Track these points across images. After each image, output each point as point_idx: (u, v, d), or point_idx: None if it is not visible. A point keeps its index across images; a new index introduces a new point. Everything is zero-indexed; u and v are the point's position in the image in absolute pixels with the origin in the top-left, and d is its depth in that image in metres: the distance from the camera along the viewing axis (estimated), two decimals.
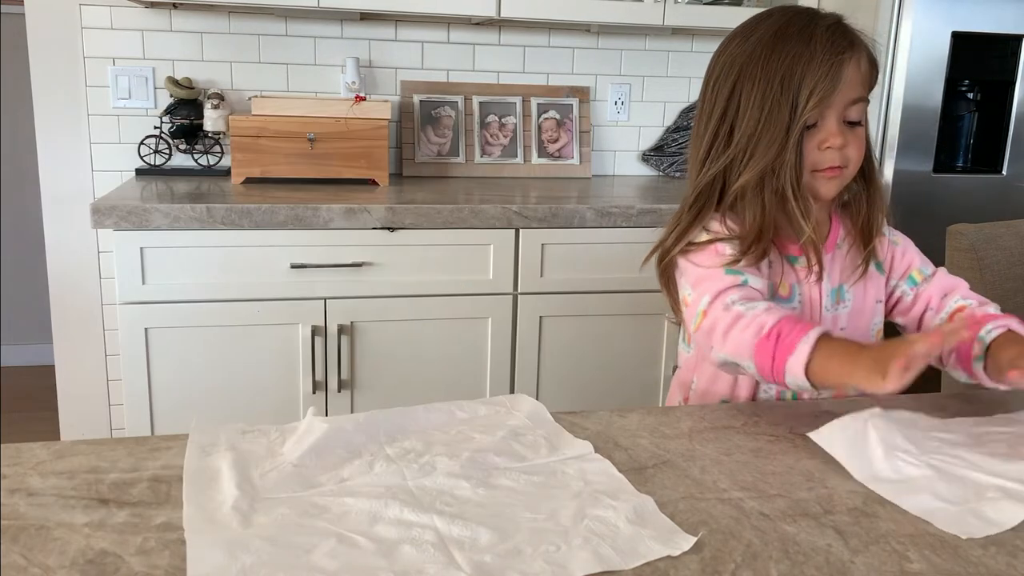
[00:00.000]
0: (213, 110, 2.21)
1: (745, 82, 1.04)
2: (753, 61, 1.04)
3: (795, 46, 1.02)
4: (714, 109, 1.07)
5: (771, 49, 1.03)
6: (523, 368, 2.04)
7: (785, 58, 1.01)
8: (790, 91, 1.01)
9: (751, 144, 1.03)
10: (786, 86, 1.01)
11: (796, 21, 1.04)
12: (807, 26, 1.03)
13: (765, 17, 1.08)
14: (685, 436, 0.90)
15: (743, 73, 1.04)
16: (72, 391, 2.33)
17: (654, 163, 2.63)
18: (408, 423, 0.88)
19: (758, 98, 1.02)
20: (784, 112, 1.01)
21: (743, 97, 1.04)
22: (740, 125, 1.04)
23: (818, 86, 1.00)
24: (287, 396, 1.93)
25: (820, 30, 1.02)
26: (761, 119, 1.02)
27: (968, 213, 1.85)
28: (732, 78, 1.05)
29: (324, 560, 0.63)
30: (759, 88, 1.02)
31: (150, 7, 2.21)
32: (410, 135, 2.41)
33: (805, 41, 1.01)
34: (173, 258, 1.82)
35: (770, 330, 0.93)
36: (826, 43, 1.01)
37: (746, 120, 1.03)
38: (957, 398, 1.04)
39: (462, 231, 1.94)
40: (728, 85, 1.06)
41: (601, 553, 0.65)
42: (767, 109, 1.02)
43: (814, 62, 1.00)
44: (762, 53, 1.03)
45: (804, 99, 1.00)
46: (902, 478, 0.79)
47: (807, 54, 1.01)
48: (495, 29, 2.45)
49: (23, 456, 0.79)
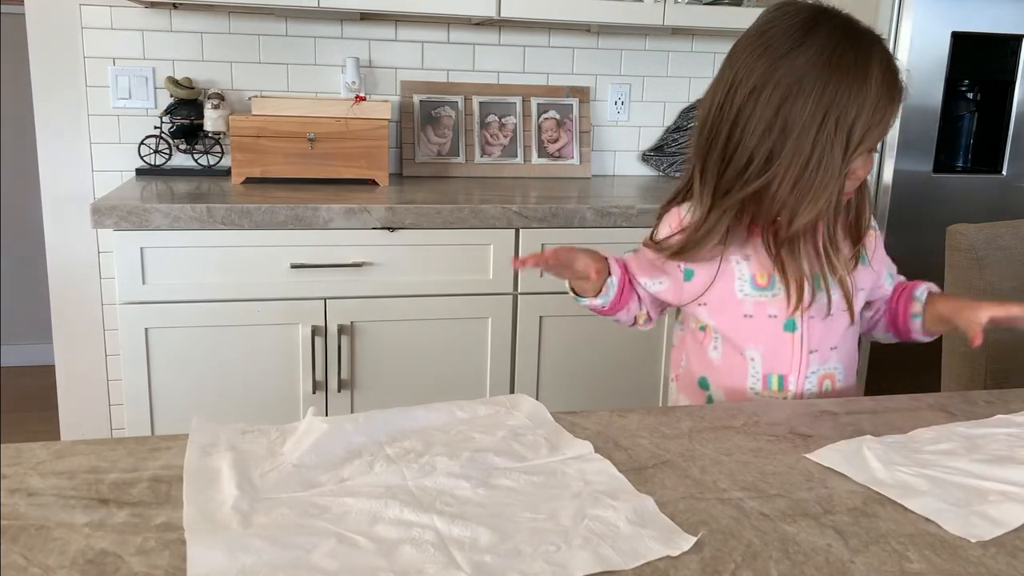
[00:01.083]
0: (213, 110, 2.21)
1: (796, 103, 0.99)
2: (808, 82, 0.99)
3: (853, 81, 0.98)
4: (750, 120, 1.01)
5: (829, 77, 0.98)
6: (523, 368, 2.04)
7: (843, 92, 0.98)
8: (844, 131, 0.99)
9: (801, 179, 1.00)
10: (840, 125, 0.98)
11: (853, 46, 1.00)
12: (865, 57, 0.99)
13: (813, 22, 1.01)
14: (685, 436, 0.90)
15: (794, 91, 0.99)
16: (72, 391, 2.33)
17: (654, 163, 2.63)
18: (408, 423, 0.88)
19: (811, 132, 0.98)
20: (838, 153, 0.99)
21: (792, 122, 0.99)
22: (786, 154, 1.00)
23: (871, 132, 1.00)
24: (287, 396, 1.93)
25: (876, 65, 0.99)
26: (813, 156, 0.99)
27: (968, 213, 1.85)
28: (781, 92, 1.00)
29: (324, 560, 0.63)
30: (814, 122, 0.98)
31: (150, 7, 2.21)
32: (410, 135, 2.41)
33: (863, 77, 0.98)
34: (173, 258, 1.82)
35: None
36: (881, 84, 0.99)
37: (795, 151, 1.00)
38: (957, 398, 1.04)
39: (462, 231, 1.94)
40: (774, 103, 1.00)
41: (601, 553, 0.65)
42: (821, 146, 0.99)
43: (867, 104, 0.98)
44: (819, 76, 0.98)
45: (856, 142, 1.00)
46: (902, 484, 0.79)
47: (862, 94, 0.98)
48: (495, 29, 2.45)
49: (23, 456, 0.79)
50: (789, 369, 1.12)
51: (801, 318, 1.11)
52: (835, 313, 1.12)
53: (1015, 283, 1.47)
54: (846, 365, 1.17)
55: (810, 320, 1.11)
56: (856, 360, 1.20)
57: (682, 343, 1.23)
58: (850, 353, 1.18)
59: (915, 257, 1.15)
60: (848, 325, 1.15)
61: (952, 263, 1.48)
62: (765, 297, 1.11)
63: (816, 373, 1.13)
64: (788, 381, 1.13)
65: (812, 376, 1.13)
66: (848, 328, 1.15)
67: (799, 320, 1.11)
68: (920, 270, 1.28)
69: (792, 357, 1.12)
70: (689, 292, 1.15)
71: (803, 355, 1.12)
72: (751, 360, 1.13)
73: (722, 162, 1.05)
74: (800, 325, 1.11)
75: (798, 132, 0.99)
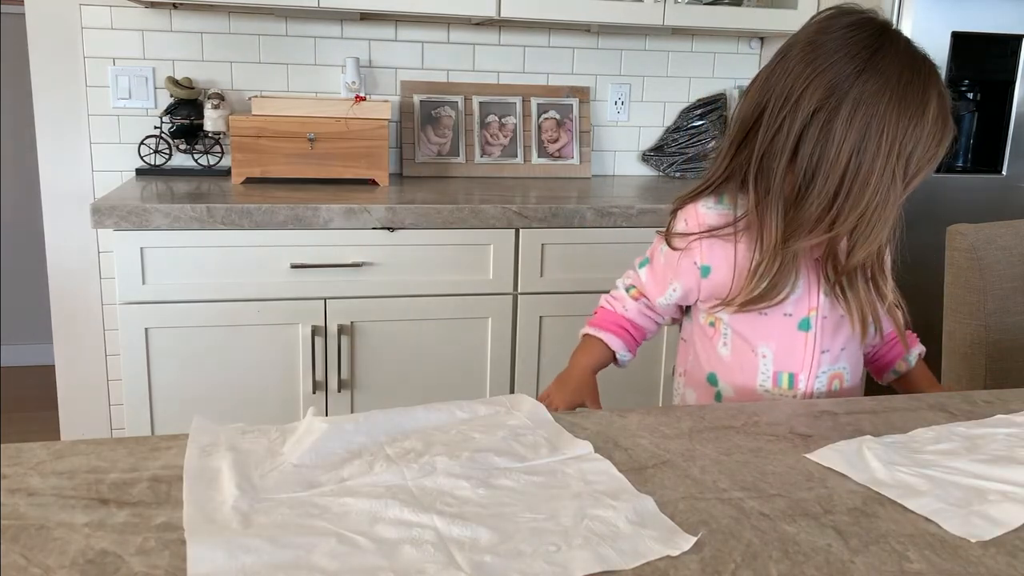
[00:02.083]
0: (213, 110, 2.21)
1: (872, 139, 0.97)
2: (880, 116, 0.97)
3: (915, 112, 0.97)
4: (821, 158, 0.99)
5: (897, 109, 0.97)
6: (523, 368, 2.04)
7: (904, 122, 0.97)
8: (903, 164, 0.98)
9: (865, 215, 0.99)
10: (900, 159, 0.98)
11: (916, 76, 0.98)
12: (925, 88, 0.98)
13: (878, 40, 0.99)
14: (685, 436, 0.90)
15: (871, 126, 0.97)
16: (72, 391, 2.33)
17: (654, 163, 2.63)
18: (408, 423, 0.88)
19: (881, 164, 0.98)
20: (899, 187, 0.99)
21: (868, 155, 0.97)
22: (855, 187, 0.98)
23: (924, 166, 1.00)
24: (287, 396, 1.93)
25: (934, 97, 0.98)
26: (879, 193, 0.98)
27: (968, 213, 1.85)
28: (859, 125, 0.97)
29: (324, 560, 0.63)
30: (883, 153, 0.97)
31: (150, 7, 2.21)
32: (410, 135, 2.41)
33: (923, 110, 0.97)
34: (173, 258, 1.82)
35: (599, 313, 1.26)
36: (937, 118, 0.98)
37: (863, 185, 0.98)
38: (957, 398, 1.04)
39: (462, 231, 1.94)
40: (855, 131, 0.97)
41: (601, 553, 0.65)
42: (886, 183, 0.98)
43: (924, 137, 0.98)
44: (889, 108, 0.97)
45: (912, 175, 1.00)
46: (902, 484, 0.79)
47: (921, 125, 0.97)
48: (495, 29, 2.45)
49: (23, 456, 0.79)
50: (800, 368, 1.13)
51: (815, 317, 1.11)
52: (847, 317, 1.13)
53: (1015, 283, 1.47)
54: (853, 365, 1.17)
55: (823, 320, 1.12)
56: (862, 361, 1.21)
57: (690, 337, 1.22)
58: (857, 353, 1.18)
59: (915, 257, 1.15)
60: None
61: (952, 263, 1.48)
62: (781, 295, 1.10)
63: (826, 373, 1.14)
64: (799, 380, 1.13)
65: (822, 376, 1.13)
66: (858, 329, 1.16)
67: (814, 319, 1.11)
68: (920, 270, 1.28)
69: (804, 356, 1.12)
70: (707, 289, 1.14)
71: (815, 354, 1.12)
72: (763, 357, 1.13)
73: (794, 198, 1.02)
74: (814, 324, 1.11)
75: (868, 170, 0.98)
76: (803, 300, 1.11)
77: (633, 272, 1.23)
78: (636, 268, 1.23)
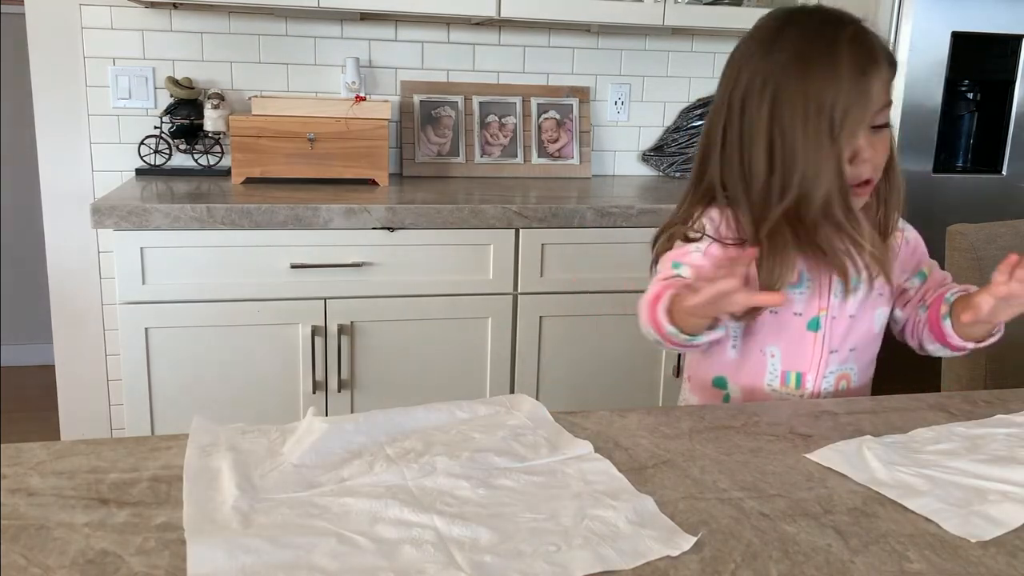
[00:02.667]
0: (213, 110, 2.21)
1: (784, 107, 1.02)
2: (786, 84, 1.02)
3: (823, 68, 1.00)
4: (754, 139, 1.04)
5: (801, 72, 1.01)
6: (523, 368, 2.04)
7: (815, 81, 1.00)
8: (824, 116, 1.00)
9: (803, 177, 1.01)
10: (821, 112, 1.00)
11: (820, 36, 1.02)
12: (832, 42, 1.01)
13: (785, 22, 1.05)
14: (685, 436, 0.90)
15: (779, 97, 1.02)
16: (72, 391, 2.33)
17: (654, 163, 2.63)
18: (408, 423, 0.88)
19: (799, 126, 1.01)
20: (825, 139, 1.00)
21: (785, 123, 1.02)
22: (785, 154, 1.02)
23: (851, 110, 1.00)
24: (287, 396, 1.93)
25: (844, 46, 1.00)
26: (808, 148, 1.01)
27: (968, 213, 1.85)
28: (768, 99, 1.03)
29: (324, 560, 0.63)
30: (799, 116, 1.01)
31: (150, 7, 2.21)
32: (410, 135, 2.41)
33: (832, 62, 1.00)
34: (173, 258, 1.82)
35: (653, 294, 1.06)
36: (852, 63, 1.00)
37: (791, 150, 1.02)
38: (957, 398, 1.04)
39: (462, 231, 1.94)
40: (766, 105, 1.03)
41: (601, 553, 0.65)
42: (810, 138, 1.01)
43: (843, 84, 0.99)
44: (794, 75, 1.01)
45: (839, 123, 1.00)
46: (902, 484, 0.79)
47: (835, 76, 0.99)
48: (495, 29, 2.45)
49: (23, 456, 0.79)
50: (808, 367, 1.13)
51: (825, 317, 1.11)
52: (858, 314, 1.12)
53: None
54: (861, 366, 1.17)
55: (833, 320, 1.12)
56: (873, 363, 1.20)
57: None
58: (869, 355, 1.18)
59: None
60: (872, 326, 1.15)
61: (952, 263, 1.48)
62: (793, 294, 1.11)
63: (834, 373, 1.14)
64: (806, 379, 1.13)
65: (830, 376, 1.14)
66: (871, 330, 1.15)
67: (823, 319, 1.11)
68: None
69: (812, 356, 1.12)
70: None
71: (823, 354, 1.12)
72: (771, 357, 1.13)
73: (744, 183, 1.06)
74: (824, 324, 1.12)
75: (791, 136, 1.02)
76: (813, 300, 1.11)
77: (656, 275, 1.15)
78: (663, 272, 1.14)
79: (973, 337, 1.11)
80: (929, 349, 1.18)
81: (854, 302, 1.12)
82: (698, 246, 1.11)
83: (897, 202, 1.12)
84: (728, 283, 0.94)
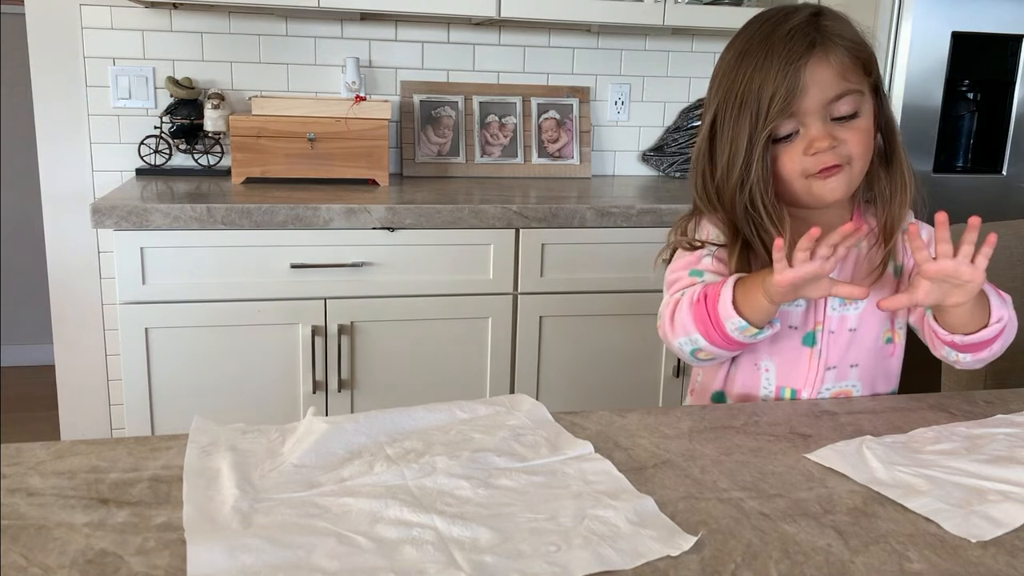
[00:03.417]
0: (213, 110, 2.21)
1: (722, 106, 1.04)
2: (724, 82, 1.04)
3: (754, 59, 1.01)
4: (700, 132, 1.09)
5: (735, 67, 1.03)
6: (523, 368, 2.04)
7: (744, 74, 1.01)
8: (749, 107, 1.00)
9: (730, 163, 1.03)
10: (748, 101, 1.00)
11: (763, 30, 1.03)
12: (769, 36, 1.02)
13: (745, 27, 1.07)
14: (685, 436, 0.90)
15: (716, 93, 1.05)
16: (72, 391, 2.33)
17: (654, 163, 2.63)
18: (408, 423, 0.88)
19: (728, 116, 1.03)
20: (745, 127, 1.01)
21: (724, 121, 1.04)
22: (720, 144, 1.04)
23: (775, 96, 0.99)
24: (287, 396, 1.93)
25: (779, 37, 1.00)
26: (732, 137, 1.02)
27: (968, 213, 1.85)
28: (713, 102, 1.06)
29: (324, 560, 0.63)
30: (728, 107, 1.03)
31: (150, 7, 2.21)
32: (410, 135, 2.41)
33: (764, 53, 1.01)
34: (173, 258, 1.82)
35: (699, 295, 1.03)
36: (782, 51, 1.00)
37: (722, 139, 1.04)
38: (957, 398, 1.04)
39: (462, 231, 1.94)
40: (713, 103, 1.06)
41: (601, 553, 0.65)
42: (732, 129, 1.02)
43: (770, 73, 0.99)
44: (729, 70, 1.04)
45: (764, 112, 0.99)
46: (902, 484, 0.79)
47: (764, 66, 1.00)
48: (495, 29, 2.45)
49: (23, 456, 0.79)
50: (803, 384, 1.10)
51: (821, 332, 1.09)
52: (859, 328, 1.10)
53: (1015, 283, 1.47)
54: (868, 384, 1.13)
55: (831, 335, 1.09)
56: (891, 381, 1.15)
57: None
58: (879, 371, 1.13)
59: None
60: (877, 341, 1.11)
61: None
62: (788, 307, 1.08)
63: (831, 390, 1.11)
64: (801, 396, 1.10)
65: (826, 393, 1.11)
66: (877, 345, 1.12)
67: (819, 334, 1.09)
68: None
69: (808, 372, 1.10)
70: None
71: (819, 371, 1.10)
72: (765, 371, 1.11)
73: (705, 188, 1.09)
74: (819, 340, 1.09)
75: (726, 130, 1.03)
76: (809, 313, 1.09)
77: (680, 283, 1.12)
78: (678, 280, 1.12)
79: (963, 329, 1.02)
80: (942, 354, 1.09)
81: (855, 315, 1.10)
82: (706, 252, 1.10)
83: (903, 200, 1.07)
84: (831, 263, 0.93)
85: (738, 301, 0.99)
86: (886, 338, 1.13)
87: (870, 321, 1.11)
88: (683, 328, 1.04)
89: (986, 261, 0.95)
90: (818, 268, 0.93)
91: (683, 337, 1.05)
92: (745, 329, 1.00)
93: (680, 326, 1.04)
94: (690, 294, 1.04)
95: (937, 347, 1.08)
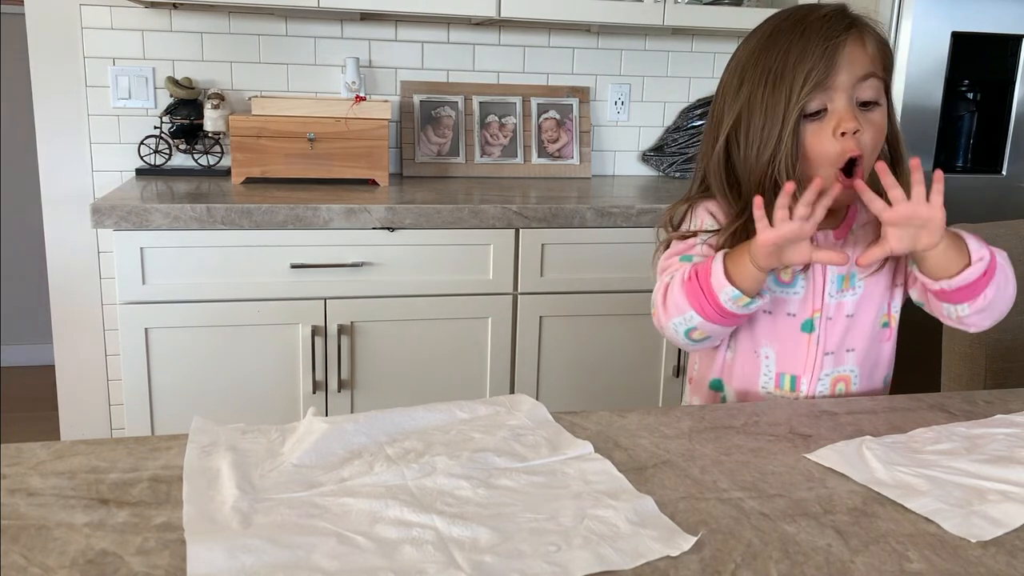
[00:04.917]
0: (213, 110, 2.21)
1: (746, 84, 1.05)
2: (752, 61, 1.06)
3: (788, 37, 1.03)
4: (724, 114, 1.09)
5: (766, 46, 1.04)
6: (523, 368, 2.04)
7: (779, 51, 1.03)
8: (785, 82, 1.01)
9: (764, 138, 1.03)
10: (781, 77, 1.02)
11: (793, 15, 1.05)
12: (802, 18, 1.04)
13: (766, 20, 1.09)
14: (685, 436, 0.90)
15: (745, 76, 1.06)
16: (72, 391, 2.33)
17: (654, 163, 2.63)
18: (408, 423, 0.88)
19: (759, 96, 1.04)
20: (781, 101, 1.02)
21: (752, 100, 1.05)
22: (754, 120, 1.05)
23: (813, 70, 1.00)
24: (287, 396, 1.93)
25: (814, 19, 1.03)
26: (765, 111, 1.03)
27: (968, 213, 1.85)
28: (736, 83, 1.07)
29: (324, 560, 0.63)
30: (759, 87, 1.04)
31: (150, 7, 2.21)
32: (410, 135, 2.41)
33: (799, 32, 1.02)
34: (173, 258, 1.82)
35: (689, 273, 1.05)
36: (819, 29, 1.01)
37: (755, 115, 1.04)
38: (957, 398, 1.04)
39: (462, 231, 1.94)
40: (734, 89, 1.07)
41: (601, 553, 0.65)
42: (766, 105, 1.03)
43: (808, 49, 1.01)
44: (759, 51, 1.05)
45: (799, 85, 1.00)
46: (902, 484, 0.79)
47: (800, 42, 1.01)
48: (495, 29, 2.45)
49: (23, 456, 0.79)
50: (803, 370, 1.12)
51: (820, 319, 1.10)
52: (856, 313, 1.11)
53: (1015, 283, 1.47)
54: (865, 369, 1.14)
55: (828, 322, 1.11)
56: (885, 365, 1.17)
57: None
58: (875, 356, 1.15)
59: None
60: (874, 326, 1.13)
61: None
62: (787, 294, 1.11)
63: (829, 376, 1.12)
64: (800, 382, 1.12)
65: (825, 379, 1.12)
66: (874, 330, 1.13)
67: (817, 321, 1.11)
68: None
69: (807, 358, 1.11)
70: None
71: (818, 357, 1.11)
72: (765, 358, 1.13)
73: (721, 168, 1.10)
74: (818, 326, 1.11)
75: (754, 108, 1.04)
76: (807, 301, 1.11)
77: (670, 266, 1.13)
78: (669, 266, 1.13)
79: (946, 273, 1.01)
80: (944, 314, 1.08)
81: (851, 301, 1.11)
82: (699, 240, 1.12)
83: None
84: (810, 225, 0.95)
85: (729, 271, 1.02)
86: (882, 322, 1.15)
87: (867, 306, 1.12)
88: (676, 307, 1.06)
89: (940, 197, 0.97)
90: (797, 229, 0.95)
91: (677, 317, 1.06)
92: (738, 298, 1.01)
93: (673, 306, 1.06)
94: (680, 274, 1.06)
95: (935, 306, 1.08)
